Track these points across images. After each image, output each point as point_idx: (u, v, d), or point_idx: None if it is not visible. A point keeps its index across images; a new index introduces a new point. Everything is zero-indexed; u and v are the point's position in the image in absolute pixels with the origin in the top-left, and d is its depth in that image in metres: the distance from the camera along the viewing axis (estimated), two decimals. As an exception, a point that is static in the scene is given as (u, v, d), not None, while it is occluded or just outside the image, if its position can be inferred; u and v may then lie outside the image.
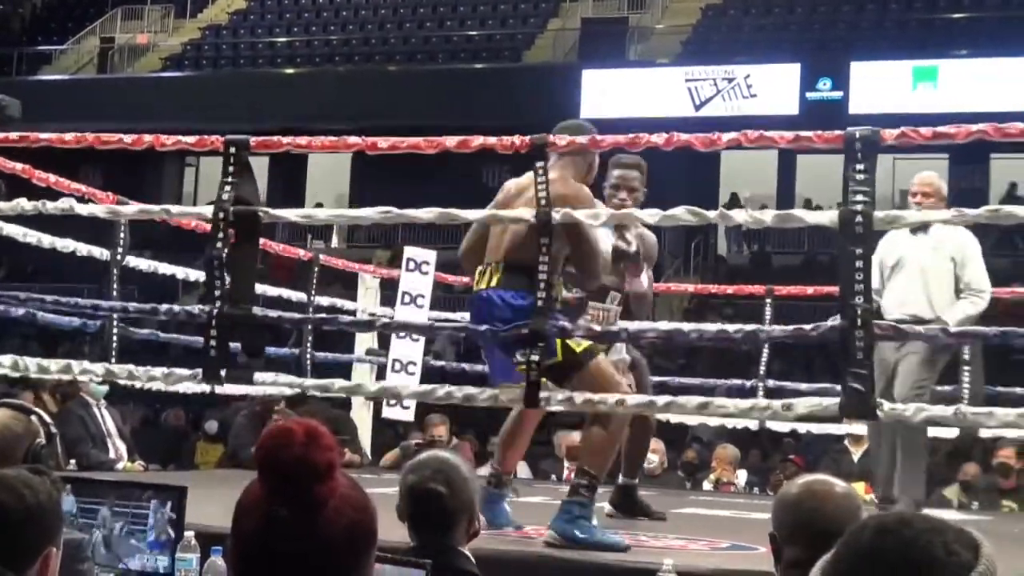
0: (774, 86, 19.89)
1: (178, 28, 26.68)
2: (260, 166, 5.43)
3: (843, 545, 1.45)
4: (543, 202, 4.58)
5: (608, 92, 20.53)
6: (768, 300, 8.57)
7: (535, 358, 4.56)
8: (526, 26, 23.94)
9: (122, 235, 7.09)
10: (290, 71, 23.65)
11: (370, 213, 5.09)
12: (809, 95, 19.68)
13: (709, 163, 22.04)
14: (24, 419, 3.25)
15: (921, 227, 6.10)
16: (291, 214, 5.44)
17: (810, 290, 8.85)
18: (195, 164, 26.02)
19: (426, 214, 4.90)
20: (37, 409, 3.41)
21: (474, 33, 23.83)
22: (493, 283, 4.86)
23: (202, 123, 17.88)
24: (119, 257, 7.12)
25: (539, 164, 4.58)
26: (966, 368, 7.23)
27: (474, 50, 23.16)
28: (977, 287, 6.15)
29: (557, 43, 23.26)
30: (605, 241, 5.07)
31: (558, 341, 4.67)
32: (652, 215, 4.71)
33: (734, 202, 21.23)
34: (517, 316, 4.67)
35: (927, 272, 6.17)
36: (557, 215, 4.61)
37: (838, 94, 19.54)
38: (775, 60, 20.20)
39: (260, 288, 6.80)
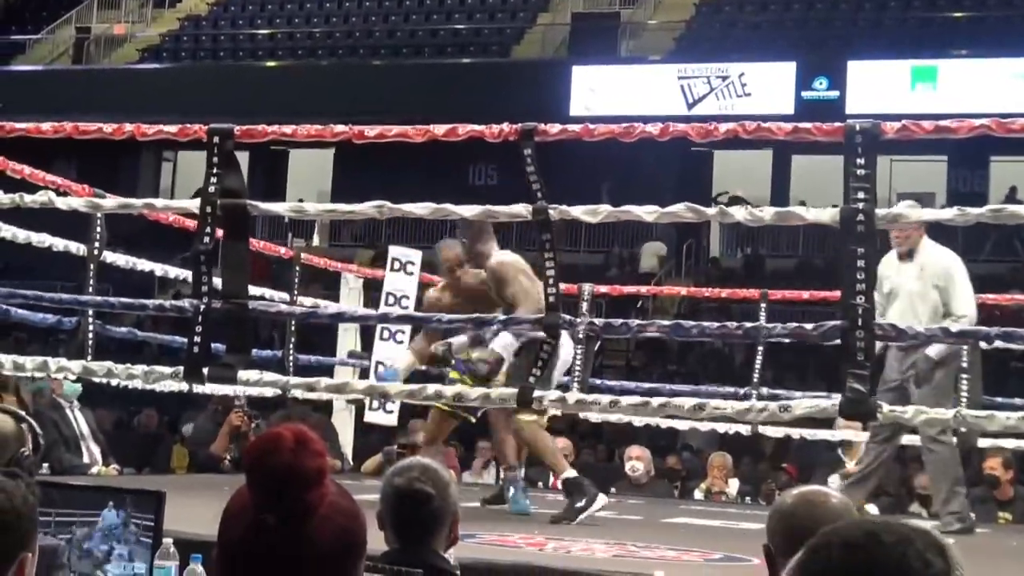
0: (769, 85, 19.45)
1: (156, 18, 26.16)
2: (239, 162, 5.13)
3: (806, 565, 1.36)
4: None
5: (598, 89, 20.16)
6: (762, 304, 8.64)
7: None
8: (515, 20, 23.46)
9: (99, 230, 6.94)
10: (271, 64, 23.11)
11: (364, 208, 5.02)
12: (805, 94, 19.30)
13: (702, 163, 21.66)
14: (15, 425, 3.22)
15: (906, 254, 6.27)
16: (281, 208, 5.43)
17: (805, 295, 9.10)
18: (172, 159, 25.54)
19: (420, 209, 4.88)
20: (29, 418, 3.32)
21: (462, 27, 23.32)
22: None
23: (180, 117, 17.18)
24: (96, 252, 6.96)
25: (527, 152, 4.64)
26: (964, 376, 7.13)
27: (462, 44, 22.72)
28: (958, 312, 6.19)
29: (547, 38, 22.81)
30: None
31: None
32: (650, 212, 4.67)
33: (735, 203, 20.81)
34: None
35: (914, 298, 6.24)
36: None
37: (834, 94, 19.17)
38: (770, 58, 19.78)
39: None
